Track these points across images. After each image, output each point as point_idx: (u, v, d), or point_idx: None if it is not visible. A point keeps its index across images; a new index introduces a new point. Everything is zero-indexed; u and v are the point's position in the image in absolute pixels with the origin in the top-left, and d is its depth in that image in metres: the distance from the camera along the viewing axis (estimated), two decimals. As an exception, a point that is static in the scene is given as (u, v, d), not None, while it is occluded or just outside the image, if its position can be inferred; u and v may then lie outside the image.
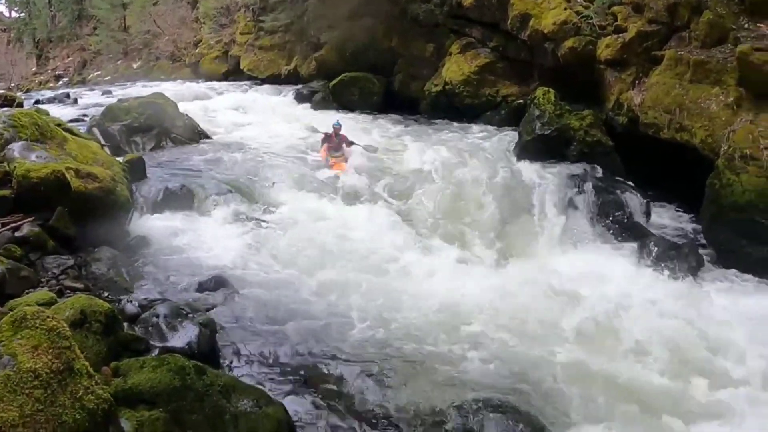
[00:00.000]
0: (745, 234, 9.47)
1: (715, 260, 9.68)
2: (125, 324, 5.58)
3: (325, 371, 5.87)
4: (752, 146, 9.88)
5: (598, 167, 11.65)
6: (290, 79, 21.43)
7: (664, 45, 12.38)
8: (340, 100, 18.11)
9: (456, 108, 16.01)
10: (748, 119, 10.31)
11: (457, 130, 15.05)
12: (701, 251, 9.81)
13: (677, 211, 11.18)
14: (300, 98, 19.12)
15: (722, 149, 10.18)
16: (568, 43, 13.70)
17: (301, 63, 21.58)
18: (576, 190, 11.25)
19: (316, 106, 18.19)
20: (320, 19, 20.23)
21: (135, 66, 34.22)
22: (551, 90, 12.88)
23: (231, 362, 5.86)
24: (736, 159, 9.92)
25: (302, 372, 5.83)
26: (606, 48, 12.99)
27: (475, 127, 14.97)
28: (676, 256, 9.57)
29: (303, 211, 10.53)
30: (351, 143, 12.84)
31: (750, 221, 9.43)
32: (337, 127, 12.78)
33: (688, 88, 11.24)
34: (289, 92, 19.91)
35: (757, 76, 10.48)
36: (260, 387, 5.14)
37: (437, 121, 16.02)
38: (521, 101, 14.43)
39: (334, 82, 18.45)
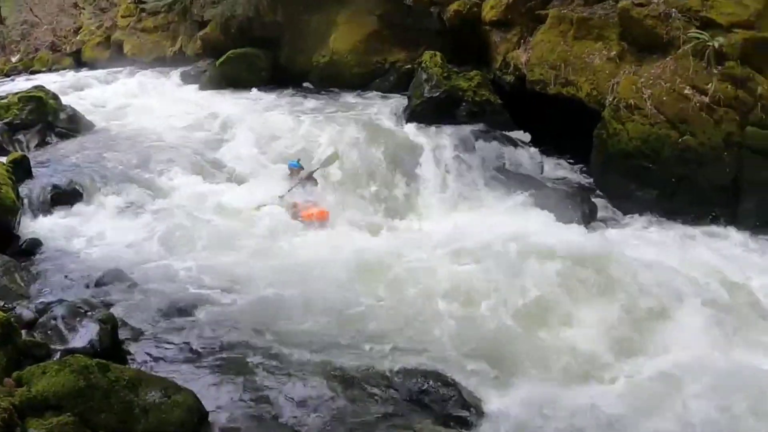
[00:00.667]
0: (634, 179, 9.88)
1: (607, 205, 10.03)
2: (23, 331, 5.37)
3: (234, 355, 5.71)
4: (636, 96, 10.17)
5: (489, 126, 11.66)
6: (176, 60, 20.34)
7: (547, 4, 12.52)
8: (228, 78, 17.27)
9: (345, 78, 15.62)
10: (631, 71, 10.63)
11: (346, 99, 14.69)
12: (594, 198, 10.12)
13: (569, 162, 11.36)
14: (187, 79, 18.18)
15: (607, 101, 10.47)
16: (453, 6, 13.67)
17: (187, 43, 20.55)
18: (467, 149, 11.24)
19: (204, 87, 17.32)
20: (203, -5, 19.35)
21: (14, 60, 31.54)
22: (438, 53, 12.74)
23: (136, 356, 5.64)
24: (621, 109, 10.19)
25: (211, 358, 5.65)
26: (491, 9, 12.99)
27: (364, 95, 14.65)
28: (570, 205, 9.77)
29: (197, 195, 10.04)
30: (311, 174, 10.08)
31: (638, 167, 9.85)
32: (296, 168, 10.08)
33: (572, 45, 11.43)
34: (176, 74, 18.89)
35: (638, 29, 10.81)
36: (168, 377, 4.96)
37: (327, 91, 15.59)
38: (410, 66, 14.22)
39: (220, 60, 17.58)
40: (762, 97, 9.74)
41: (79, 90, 17.30)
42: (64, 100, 13.75)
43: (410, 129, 12.13)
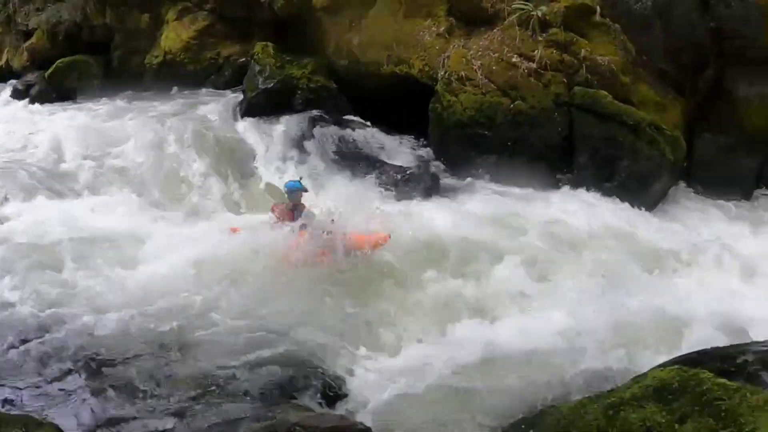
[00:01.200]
0: (472, 147, 9.98)
1: (450, 174, 10.06)
2: None
3: (88, 378, 5.37)
4: (466, 68, 10.22)
5: (326, 111, 11.39)
6: (3, 75, 18.66)
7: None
8: (59, 89, 15.91)
9: (180, 77, 14.76)
10: (461, 45, 10.69)
11: (182, 99, 13.83)
12: (436, 170, 10.14)
13: (409, 139, 11.19)
14: (17, 94, 16.51)
15: (440, 75, 10.45)
16: (284, -6, 13.13)
17: (13, 55, 18.86)
18: (305, 137, 10.90)
19: (35, 101, 15.81)
20: (26, 3, 17.90)
21: None
22: (270, 44, 12.38)
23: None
24: (453, 82, 10.20)
25: (67, 385, 5.29)
26: (323, -6, 12.62)
27: (200, 93, 13.90)
28: (412, 179, 9.69)
29: (37, 217, 8.95)
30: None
31: (474, 135, 9.96)
32: (299, 189, 7.60)
33: (402, 24, 11.35)
34: (4, 90, 17.23)
35: (465, 4, 10.94)
36: (27, 414, 4.58)
37: (162, 93, 14.62)
38: (244, 60, 13.62)
39: (49, 71, 16.21)
40: (586, 59, 10.07)
41: None
42: None
43: (246, 123, 11.66)
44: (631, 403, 3.88)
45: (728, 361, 5.10)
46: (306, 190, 7.49)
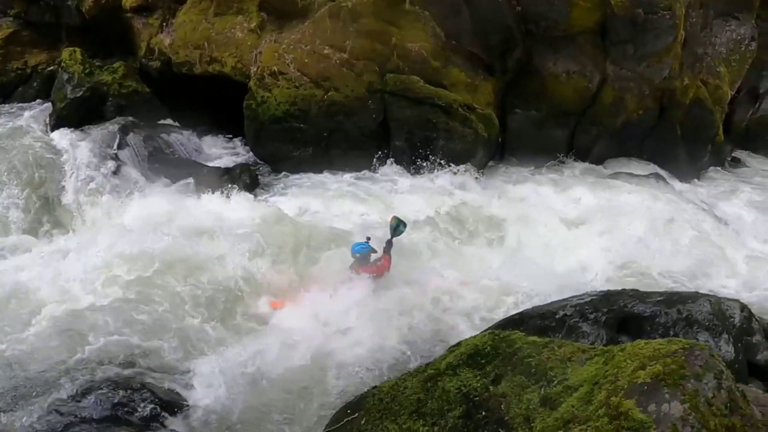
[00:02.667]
0: (288, 141, 9.89)
1: (269, 170, 9.97)
2: None
3: None
4: (279, 63, 10.07)
5: (140, 117, 10.79)
6: None
7: (188, -15, 11.87)
8: None
9: (-16, 90, 13.61)
10: (272, 39, 10.48)
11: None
12: (254, 167, 9.97)
13: (226, 138, 11.07)
14: None
15: (252, 71, 10.25)
16: (91, -4, 12.46)
17: None
18: (120, 145, 10.23)
19: None
20: None
21: None
22: (77, 49, 11.57)
23: None
24: (266, 77, 10.05)
25: None
26: (131, -5, 12.07)
27: (7, 107, 12.81)
28: (230, 179, 9.35)
29: None
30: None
31: (290, 129, 9.88)
32: (367, 252, 7.03)
33: (213, 22, 11.05)
34: None
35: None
36: None
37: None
38: (54, 68, 12.72)
39: None
40: (396, 47, 10.17)
41: None
42: None
43: (56, 136, 10.78)
44: (447, 372, 3.96)
45: (549, 318, 5.54)
46: (375, 251, 7.01)
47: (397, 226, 6.94)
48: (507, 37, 11.06)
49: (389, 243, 6.97)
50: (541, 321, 5.52)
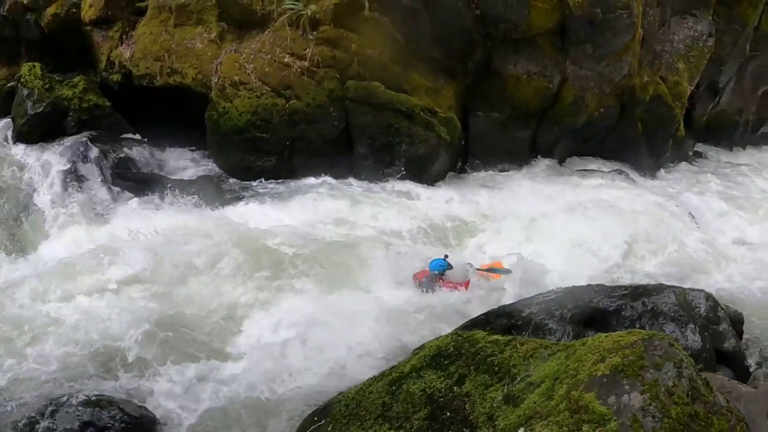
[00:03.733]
0: (251, 151, 9.86)
1: (232, 181, 9.87)
2: None
3: None
4: (240, 73, 10.06)
5: (102, 132, 10.73)
6: None
7: (147, -4, 11.83)
8: None
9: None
10: (232, 50, 10.47)
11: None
12: (219, 179, 9.95)
13: (190, 150, 10.92)
14: None
15: (213, 82, 10.22)
16: (51, 10, 12.39)
17: None
18: (83, 161, 10.08)
19: None
20: None
21: None
22: (37, 64, 11.46)
23: None
24: (227, 88, 10.02)
25: None
26: (90, 8, 12.00)
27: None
28: (195, 192, 9.33)
29: None
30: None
31: (252, 138, 9.84)
32: (444, 270, 7.36)
33: (173, 33, 10.99)
34: None
35: (235, 8, 10.71)
36: None
37: None
38: (13, 84, 12.55)
39: None
40: (357, 54, 10.22)
41: None
42: None
43: (17, 152, 10.67)
44: (411, 375, 4.00)
45: (515, 316, 5.55)
46: (451, 267, 7.27)
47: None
48: (467, 40, 11.16)
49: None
50: (507, 320, 5.55)
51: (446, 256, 7.24)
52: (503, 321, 5.54)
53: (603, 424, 2.90)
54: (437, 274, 7.17)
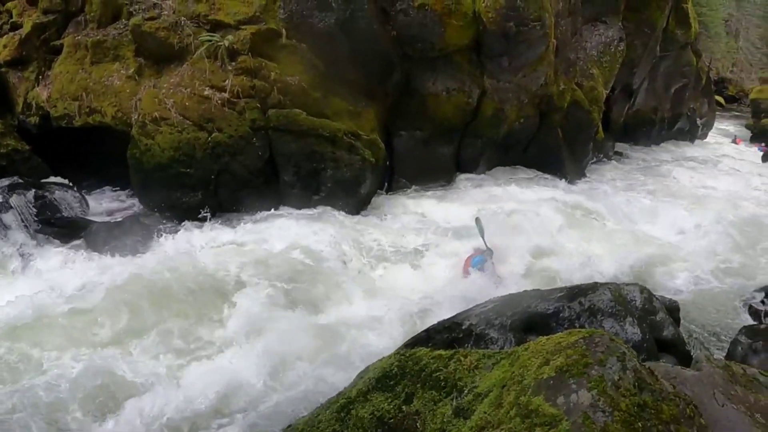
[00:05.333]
0: (176, 187, 9.69)
1: (159, 219, 9.60)
2: None
3: None
4: (160, 108, 9.96)
5: (22, 176, 10.34)
6: None
7: (62, 33, 11.64)
8: None
9: None
10: (151, 85, 10.38)
11: None
12: (145, 218, 9.63)
13: (113, 191, 10.83)
14: None
15: (134, 119, 10.08)
16: (-38, 53, 11.99)
17: None
18: (2, 209, 9.74)
19: None
20: None
21: None
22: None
23: None
24: (148, 124, 9.89)
25: None
26: (4, 48, 11.72)
27: None
28: (121, 234, 9.07)
29: None
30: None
31: (177, 175, 9.67)
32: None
33: (91, 71, 10.81)
34: None
35: (153, 43, 10.61)
36: None
37: None
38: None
39: None
40: (276, 82, 10.29)
41: None
42: None
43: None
44: (358, 399, 3.98)
45: (455, 330, 5.57)
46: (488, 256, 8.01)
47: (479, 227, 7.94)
48: (385, 61, 11.39)
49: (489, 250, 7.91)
50: (448, 334, 5.56)
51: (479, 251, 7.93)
52: (444, 335, 5.58)
53: (555, 425, 2.94)
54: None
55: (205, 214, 9.35)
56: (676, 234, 11.10)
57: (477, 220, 8.25)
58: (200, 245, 8.76)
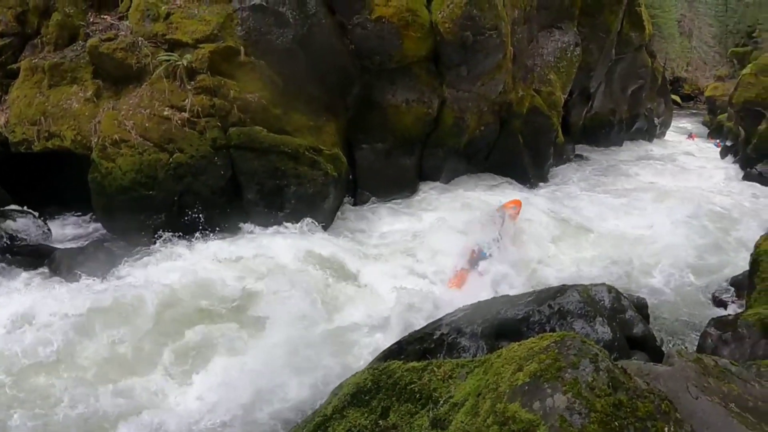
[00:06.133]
0: (139, 210, 9.58)
1: (123, 244, 9.46)
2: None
3: None
4: (120, 130, 9.89)
5: (-20, 203, 10.25)
6: None
7: (19, 56, 11.53)
8: None
9: None
10: (110, 107, 10.32)
11: None
12: (108, 243, 9.53)
13: (77, 216, 10.70)
14: None
15: (94, 143, 9.98)
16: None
17: None
18: (-39, 240, 9.68)
19: None
20: None
21: None
22: None
23: None
24: (108, 147, 9.80)
25: None
26: (-42, 75, 11.56)
27: None
28: (85, 260, 8.95)
29: None
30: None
31: (139, 198, 9.58)
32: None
33: (48, 94, 10.71)
34: None
35: (110, 64, 10.55)
36: None
37: None
38: None
39: None
40: (236, 99, 10.29)
41: None
42: None
43: None
44: (334, 416, 3.98)
45: (427, 340, 5.63)
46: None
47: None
48: (344, 75, 11.50)
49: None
50: (419, 345, 5.58)
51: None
52: (416, 347, 5.61)
53: (533, 430, 2.96)
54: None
55: (169, 236, 9.22)
56: (643, 231, 11.37)
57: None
58: (165, 268, 8.68)
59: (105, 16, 11.65)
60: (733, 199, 14.89)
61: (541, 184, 14.76)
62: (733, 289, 8.89)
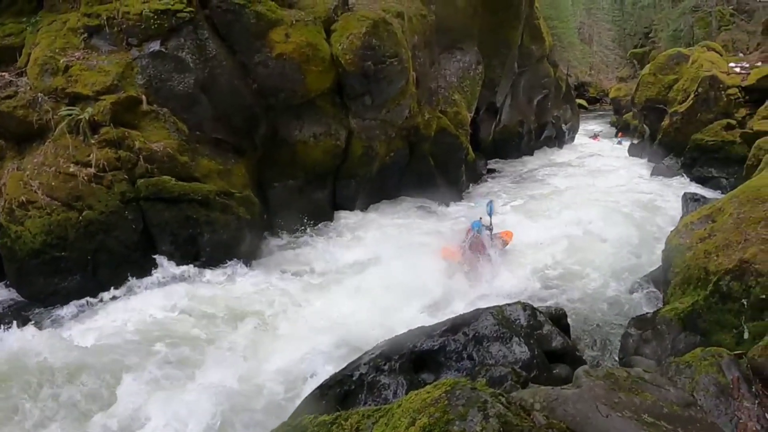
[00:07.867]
0: (52, 273, 9.37)
1: (38, 308, 9.22)
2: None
3: None
4: (26, 192, 9.70)
5: None
6: None
7: None
8: None
9: None
10: (15, 167, 10.12)
11: None
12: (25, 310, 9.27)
13: None
14: None
15: (0, 206, 9.74)
16: None
17: None
18: None
19: None
20: None
21: None
22: None
23: None
24: (15, 210, 9.59)
25: None
26: None
27: None
28: None
29: None
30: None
31: (51, 260, 9.39)
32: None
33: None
34: None
35: (12, 122, 10.37)
36: None
37: None
38: None
39: None
40: (142, 150, 10.24)
41: None
42: None
43: None
44: None
45: (347, 382, 5.62)
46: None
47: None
48: (249, 115, 11.60)
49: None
50: (340, 388, 5.54)
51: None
52: (336, 390, 5.58)
53: None
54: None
55: (86, 298, 9.14)
56: (560, 239, 11.67)
57: (489, 202, 10.94)
58: (79, 330, 8.46)
59: (3, 73, 11.46)
60: (644, 195, 15.56)
61: (454, 202, 15.19)
62: (651, 285, 8.96)
